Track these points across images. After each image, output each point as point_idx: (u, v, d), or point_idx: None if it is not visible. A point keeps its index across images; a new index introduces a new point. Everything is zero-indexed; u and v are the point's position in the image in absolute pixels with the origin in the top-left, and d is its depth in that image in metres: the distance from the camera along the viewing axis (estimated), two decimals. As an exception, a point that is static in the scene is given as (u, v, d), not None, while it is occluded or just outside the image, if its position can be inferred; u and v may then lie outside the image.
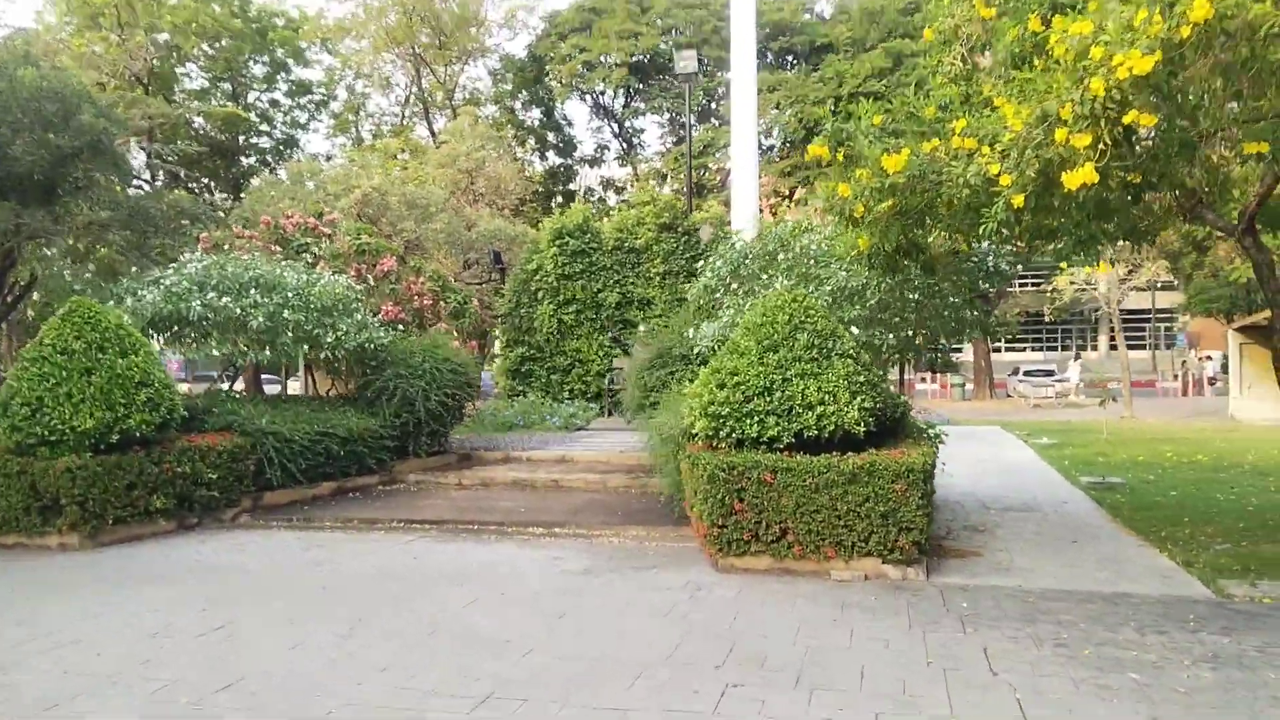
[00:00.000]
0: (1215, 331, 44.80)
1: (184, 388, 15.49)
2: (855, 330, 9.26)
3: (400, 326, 13.67)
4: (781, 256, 9.87)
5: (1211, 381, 39.65)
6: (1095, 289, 31.49)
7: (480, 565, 7.96)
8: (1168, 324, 51.35)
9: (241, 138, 38.78)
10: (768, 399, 7.78)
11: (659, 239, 18.68)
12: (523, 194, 31.15)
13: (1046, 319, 43.56)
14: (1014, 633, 5.84)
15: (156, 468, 9.36)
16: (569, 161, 44.96)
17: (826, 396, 7.72)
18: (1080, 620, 6.09)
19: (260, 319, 10.82)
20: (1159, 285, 41.89)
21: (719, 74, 38.51)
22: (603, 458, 13.00)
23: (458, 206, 26.19)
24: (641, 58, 38.22)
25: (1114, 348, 44.19)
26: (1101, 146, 5.04)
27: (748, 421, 7.79)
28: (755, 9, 23.67)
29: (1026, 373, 40.09)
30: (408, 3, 36.52)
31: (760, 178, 21.56)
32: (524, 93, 43.32)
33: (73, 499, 8.78)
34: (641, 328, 17.95)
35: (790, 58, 37.65)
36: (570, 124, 45.41)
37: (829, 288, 9.24)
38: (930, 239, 6.65)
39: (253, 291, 11.09)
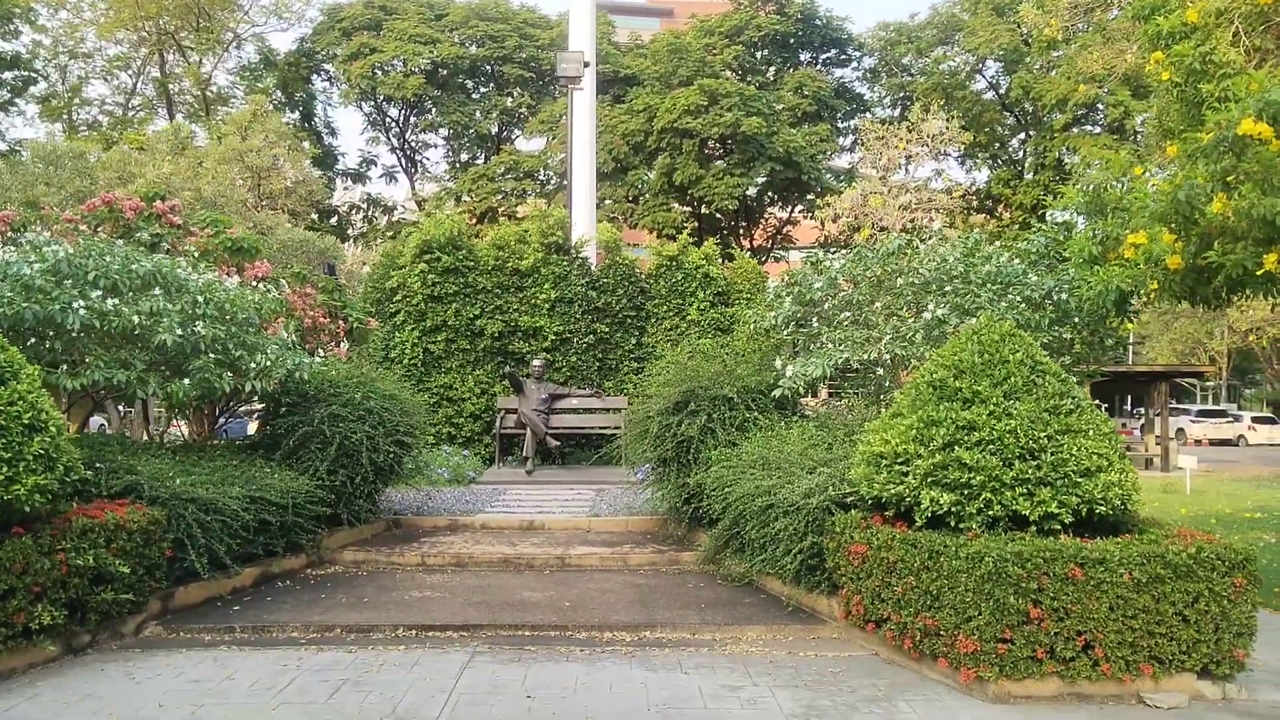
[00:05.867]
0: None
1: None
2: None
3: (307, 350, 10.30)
4: (901, 281, 8.04)
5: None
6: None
7: (649, 712, 5.37)
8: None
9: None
10: (1034, 464, 5.91)
11: (548, 260, 16.17)
12: (318, 202, 27.09)
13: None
14: None
15: (48, 561, 5.82)
16: (329, 174, 40.34)
17: (1103, 461, 5.99)
18: None
19: (176, 332, 7.36)
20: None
21: (521, 93, 36.29)
22: (580, 524, 10.45)
23: (248, 211, 22.01)
24: (435, 66, 34.98)
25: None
26: None
27: (1009, 494, 5.87)
28: (594, 13, 21.95)
29: None
30: (158, -31, 30.89)
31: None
32: (279, 92, 38.41)
33: (-87, 624, 5.16)
34: (536, 361, 15.34)
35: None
36: (334, 133, 40.89)
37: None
38: None
39: (155, 292, 7.55)
